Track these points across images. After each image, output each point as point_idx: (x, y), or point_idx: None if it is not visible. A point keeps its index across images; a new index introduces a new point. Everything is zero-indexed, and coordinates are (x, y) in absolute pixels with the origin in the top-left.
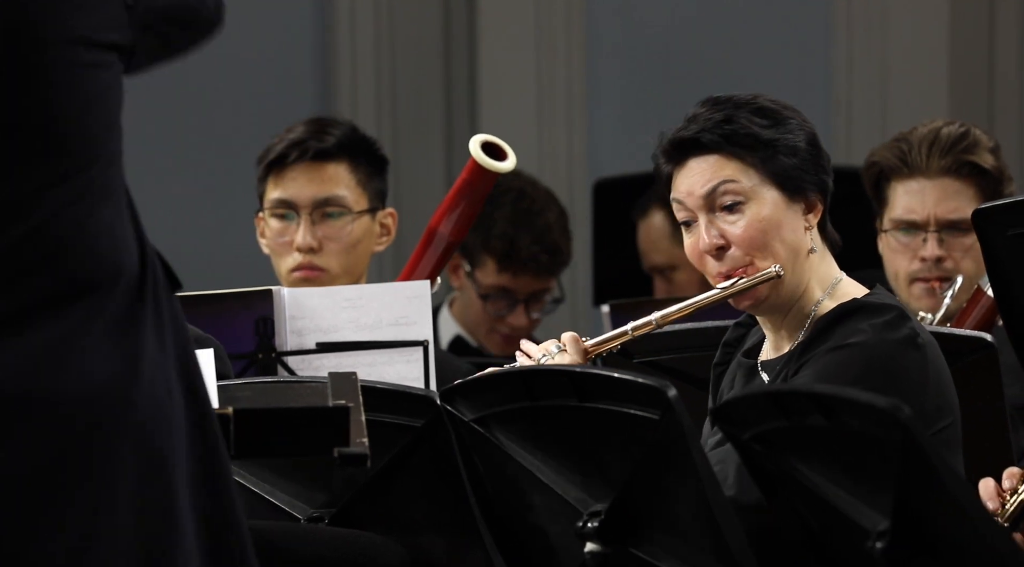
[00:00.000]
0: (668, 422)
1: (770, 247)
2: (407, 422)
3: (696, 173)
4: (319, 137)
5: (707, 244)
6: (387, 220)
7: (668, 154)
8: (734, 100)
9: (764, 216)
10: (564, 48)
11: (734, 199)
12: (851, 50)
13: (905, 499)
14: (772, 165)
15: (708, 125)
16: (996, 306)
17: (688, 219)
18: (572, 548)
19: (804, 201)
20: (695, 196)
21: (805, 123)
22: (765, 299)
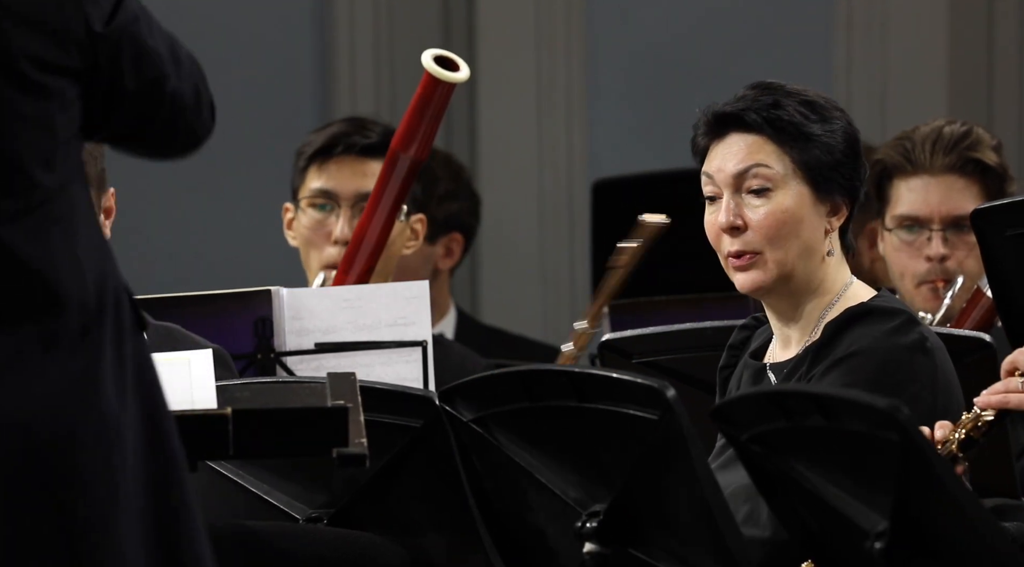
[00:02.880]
0: (667, 423)
1: (785, 240)
2: (406, 422)
3: (733, 150)
4: (363, 133)
5: (725, 221)
6: (417, 225)
7: (709, 125)
8: (785, 88)
9: (787, 207)
10: (564, 48)
11: (762, 184)
12: (851, 51)
13: (904, 500)
14: (807, 159)
15: (756, 105)
16: (995, 307)
17: (713, 194)
18: (571, 548)
19: (831, 202)
20: (725, 173)
21: (850, 126)
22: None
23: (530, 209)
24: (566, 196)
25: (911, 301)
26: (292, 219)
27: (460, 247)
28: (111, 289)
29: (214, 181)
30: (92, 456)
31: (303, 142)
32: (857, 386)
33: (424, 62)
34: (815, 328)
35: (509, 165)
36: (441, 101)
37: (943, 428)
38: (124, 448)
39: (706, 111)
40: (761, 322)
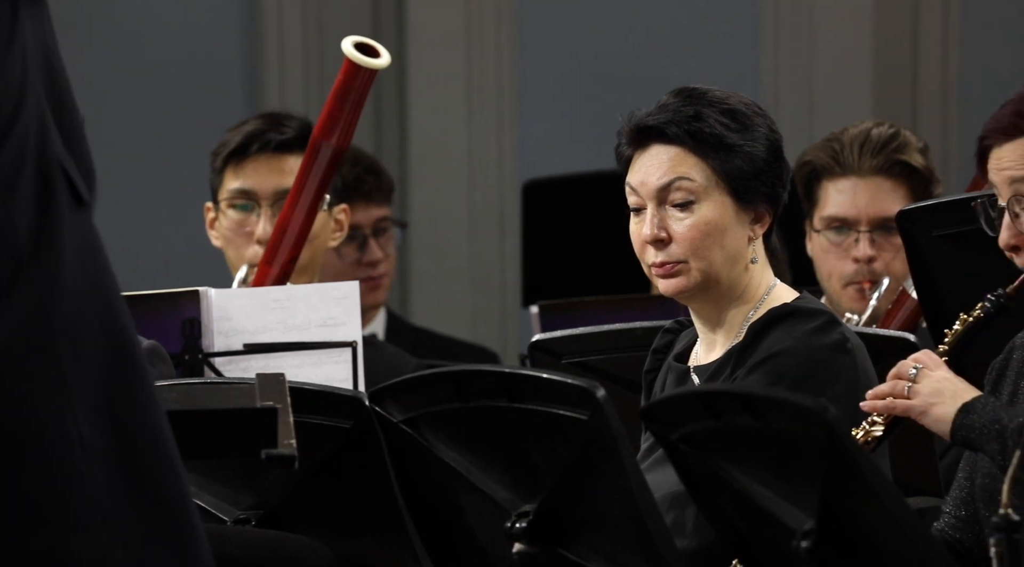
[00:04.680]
0: (597, 423)
1: (709, 250)
2: (336, 424)
3: (654, 162)
4: (278, 129)
5: (650, 235)
6: (341, 216)
7: (632, 136)
8: (708, 96)
9: (710, 219)
10: (494, 48)
11: (686, 197)
12: (777, 53)
13: (831, 499)
14: (729, 169)
15: (677, 117)
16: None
17: (638, 205)
18: (500, 548)
19: (753, 211)
20: (649, 186)
21: (772, 132)
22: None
23: (460, 209)
24: (496, 196)
25: (838, 302)
26: (214, 219)
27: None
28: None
29: (141, 179)
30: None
31: (219, 142)
32: (779, 386)
33: (344, 49)
34: (739, 331)
35: (439, 165)
36: (362, 88)
37: None
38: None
39: (628, 120)
40: (684, 325)
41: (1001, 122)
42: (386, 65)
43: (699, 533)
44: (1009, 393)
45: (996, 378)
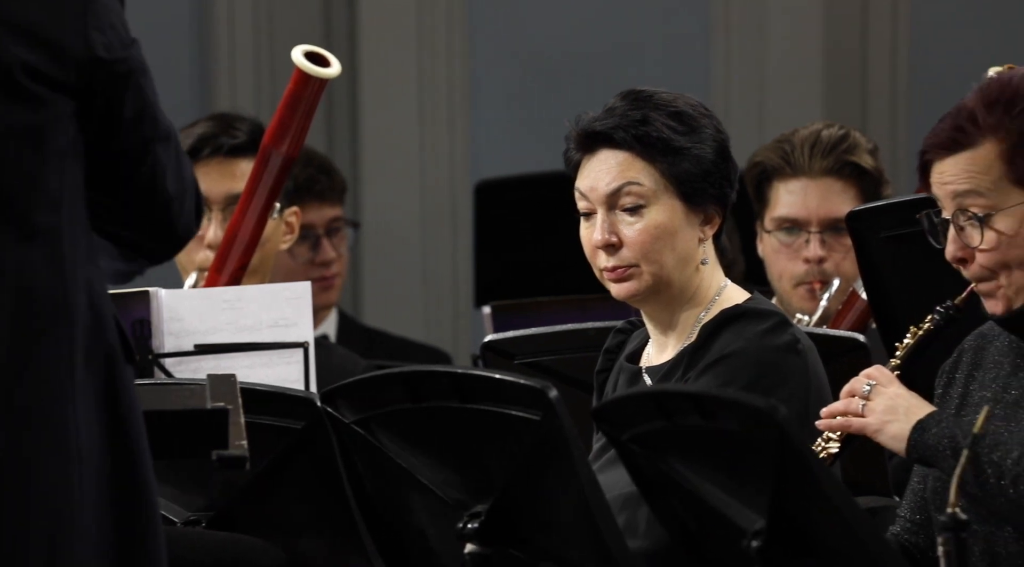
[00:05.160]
0: (549, 423)
1: (660, 254)
2: (287, 424)
3: (603, 168)
4: (229, 133)
5: (600, 240)
6: (292, 219)
7: (580, 141)
8: (654, 99)
9: (660, 223)
10: (445, 49)
11: (635, 201)
12: (728, 55)
13: (781, 499)
14: (678, 173)
15: (624, 122)
16: (870, 309)
17: (588, 210)
18: (452, 549)
19: (703, 213)
20: (598, 192)
21: (719, 132)
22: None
23: (412, 210)
24: (448, 197)
25: (788, 302)
26: None
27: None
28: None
29: None
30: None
31: None
32: (731, 387)
33: (294, 58)
34: (691, 332)
35: (391, 166)
36: (312, 97)
37: None
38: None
39: (576, 125)
40: (636, 326)
41: (940, 137)
42: (336, 75)
43: (651, 533)
44: (959, 396)
45: (947, 382)
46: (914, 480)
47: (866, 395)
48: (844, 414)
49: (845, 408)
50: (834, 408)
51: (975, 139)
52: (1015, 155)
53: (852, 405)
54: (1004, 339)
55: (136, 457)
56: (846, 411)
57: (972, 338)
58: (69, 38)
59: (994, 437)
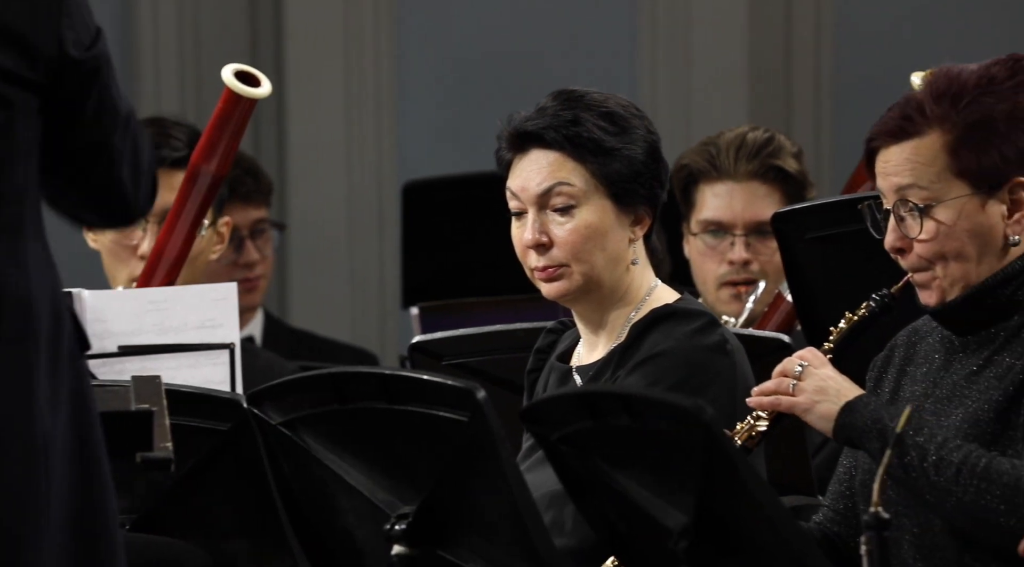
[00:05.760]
0: (477, 424)
1: (590, 254)
2: (213, 426)
3: (534, 168)
4: (169, 143)
5: (531, 239)
6: (223, 229)
7: (511, 141)
8: (585, 99)
9: (591, 223)
10: (373, 49)
11: (566, 202)
12: (655, 56)
13: (708, 498)
14: (608, 173)
15: (555, 123)
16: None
17: (519, 210)
18: (380, 550)
19: (633, 213)
20: (529, 192)
21: (650, 133)
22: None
23: (340, 211)
24: (376, 198)
25: (714, 305)
26: None
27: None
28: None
29: None
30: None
31: None
32: (660, 386)
33: (224, 78)
34: (621, 331)
35: (318, 167)
36: (242, 116)
37: None
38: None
39: (508, 124)
40: (567, 326)
41: (888, 125)
42: (267, 94)
43: (578, 532)
44: (891, 390)
45: (878, 375)
46: (840, 469)
47: (797, 375)
48: (775, 393)
49: (776, 387)
50: (765, 387)
51: (922, 129)
52: (959, 147)
53: (783, 385)
54: (936, 335)
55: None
56: (776, 390)
57: (905, 333)
58: (42, 38)
59: (919, 421)
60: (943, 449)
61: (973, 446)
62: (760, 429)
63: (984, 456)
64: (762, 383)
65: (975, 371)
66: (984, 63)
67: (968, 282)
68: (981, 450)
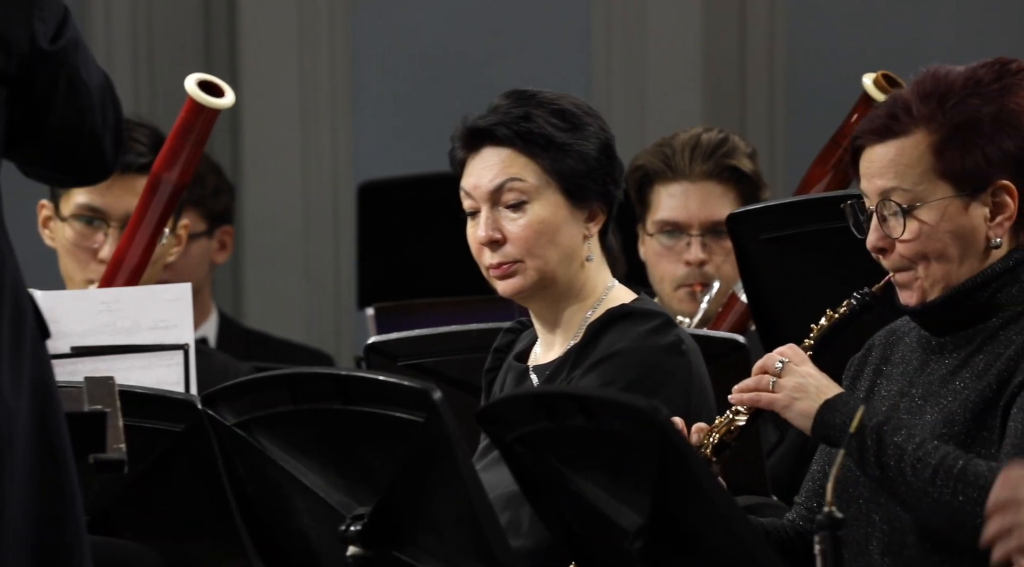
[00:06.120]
0: (433, 425)
1: (544, 249)
2: (167, 427)
3: (486, 165)
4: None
5: (484, 236)
6: (182, 231)
7: (464, 140)
8: (538, 98)
9: (544, 218)
10: (327, 50)
11: (518, 197)
12: (610, 56)
13: (663, 498)
14: (561, 169)
15: (506, 119)
16: (749, 311)
17: (473, 209)
18: (335, 551)
19: (587, 209)
20: (481, 189)
21: (603, 131)
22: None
23: (295, 211)
24: (331, 198)
25: (669, 305)
26: (48, 217)
27: (231, 240)
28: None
29: None
30: None
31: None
32: (615, 386)
33: (188, 87)
34: (578, 330)
35: (273, 167)
36: (205, 126)
37: (699, 431)
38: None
39: (462, 124)
40: (525, 325)
41: (874, 123)
42: (230, 105)
43: (534, 533)
44: (866, 390)
45: (854, 374)
46: (814, 467)
47: (778, 372)
48: (755, 390)
49: (756, 384)
50: (745, 384)
51: (908, 128)
52: (944, 148)
53: (763, 382)
54: (914, 335)
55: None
56: (757, 387)
57: (882, 333)
58: (15, 31)
59: (898, 422)
60: (920, 450)
61: (950, 448)
62: (739, 424)
63: (961, 458)
64: (744, 381)
65: (952, 372)
66: (971, 65)
67: (949, 283)
68: (959, 452)
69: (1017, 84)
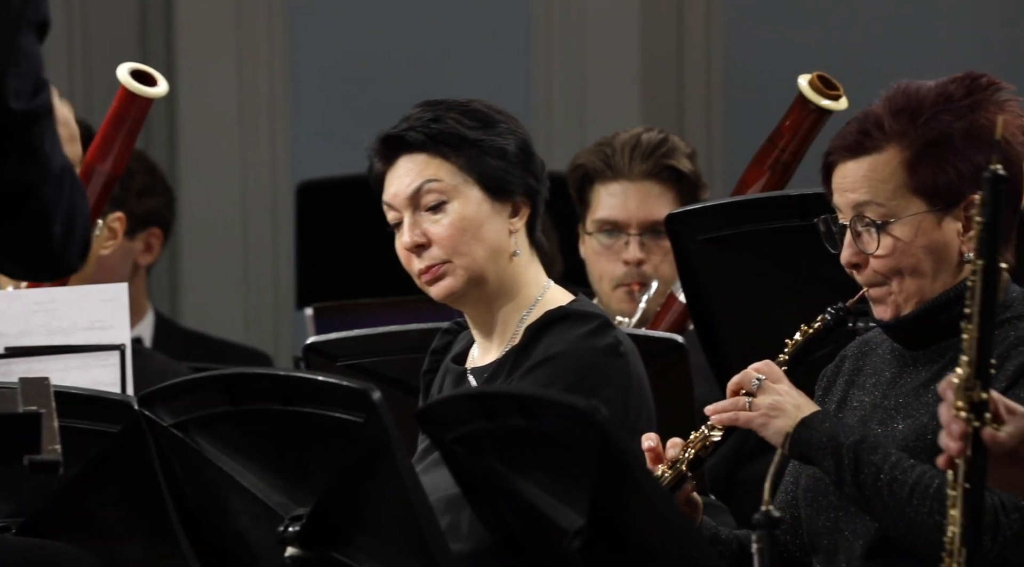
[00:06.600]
0: (372, 425)
1: (468, 247)
2: (103, 428)
3: (402, 173)
4: None
5: (408, 241)
6: (115, 224)
7: (379, 153)
8: (447, 102)
9: (465, 215)
10: (266, 50)
11: (438, 198)
12: (549, 56)
13: (602, 498)
14: (477, 165)
15: (417, 124)
16: (687, 311)
17: (396, 220)
18: (273, 552)
19: (510, 203)
20: (401, 196)
21: (518, 129)
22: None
23: (233, 211)
24: (270, 198)
25: (608, 304)
26: None
27: (159, 242)
28: None
29: None
30: None
31: None
32: (554, 388)
33: (120, 76)
34: (515, 332)
35: (211, 167)
36: (138, 116)
37: (674, 446)
38: None
39: (377, 137)
40: (463, 326)
41: (846, 140)
42: (164, 94)
43: (474, 535)
44: (838, 401)
45: (826, 386)
46: (787, 479)
47: (754, 389)
48: (732, 410)
49: (732, 405)
50: (723, 405)
51: (880, 144)
52: (917, 164)
53: (739, 402)
54: (886, 347)
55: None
56: (734, 407)
57: (855, 344)
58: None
59: (874, 440)
60: (897, 469)
61: (927, 467)
62: (714, 439)
63: (937, 477)
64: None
65: (923, 384)
66: (941, 80)
67: (923, 298)
68: (934, 470)
69: (987, 99)
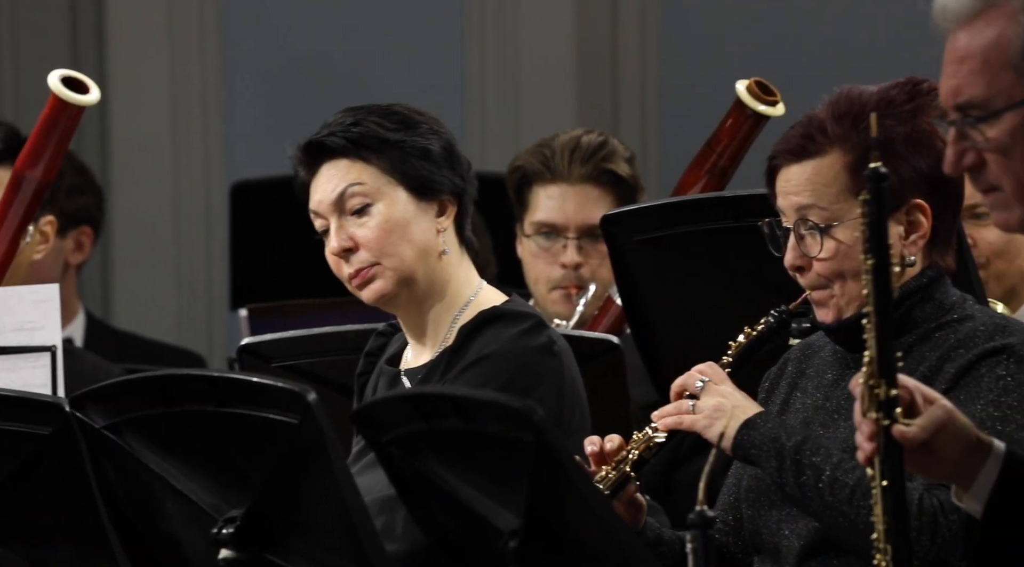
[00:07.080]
0: (307, 426)
1: (395, 247)
2: (33, 430)
3: (325, 179)
4: None
5: (335, 247)
6: (47, 228)
7: (302, 161)
8: (367, 107)
9: (391, 216)
10: (198, 50)
11: (362, 201)
12: (483, 57)
13: (537, 498)
14: (400, 166)
15: (337, 129)
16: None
17: (324, 227)
18: (207, 555)
19: (436, 202)
20: (325, 202)
21: (440, 129)
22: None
23: (166, 211)
24: (203, 198)
25: (544, 306)
26: None
27: (90, 241)
28: None
29: None
30: None
31: None
32: (489, 388)
33: (51, 84)
34: (448, 333)
35: (143, 167)
36: (69, 123)
37: (612, 440)
38: None
39: (298, 145)
40: (397, 328)
41: (790, 144)
42: (95, 101)
43: (409, 536)
44: (781, 403)
45: (770, 388)
46: (729, 480)
47: (697, 391)
48: (676, 413)
49: (676, 409)
50: (667, 409)
51: (823, 148)
52: (860, 168)
53: (683, 405)
54: (829, 350)
55: None
56: (677, 411)
57: (798, 347)
58: None
59: (816, 441)
60: (838, 470)
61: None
62: (658, 441)
63: None
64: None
65: None
66: (883, 85)
67: (864, 301)
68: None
69: (928, 104)
